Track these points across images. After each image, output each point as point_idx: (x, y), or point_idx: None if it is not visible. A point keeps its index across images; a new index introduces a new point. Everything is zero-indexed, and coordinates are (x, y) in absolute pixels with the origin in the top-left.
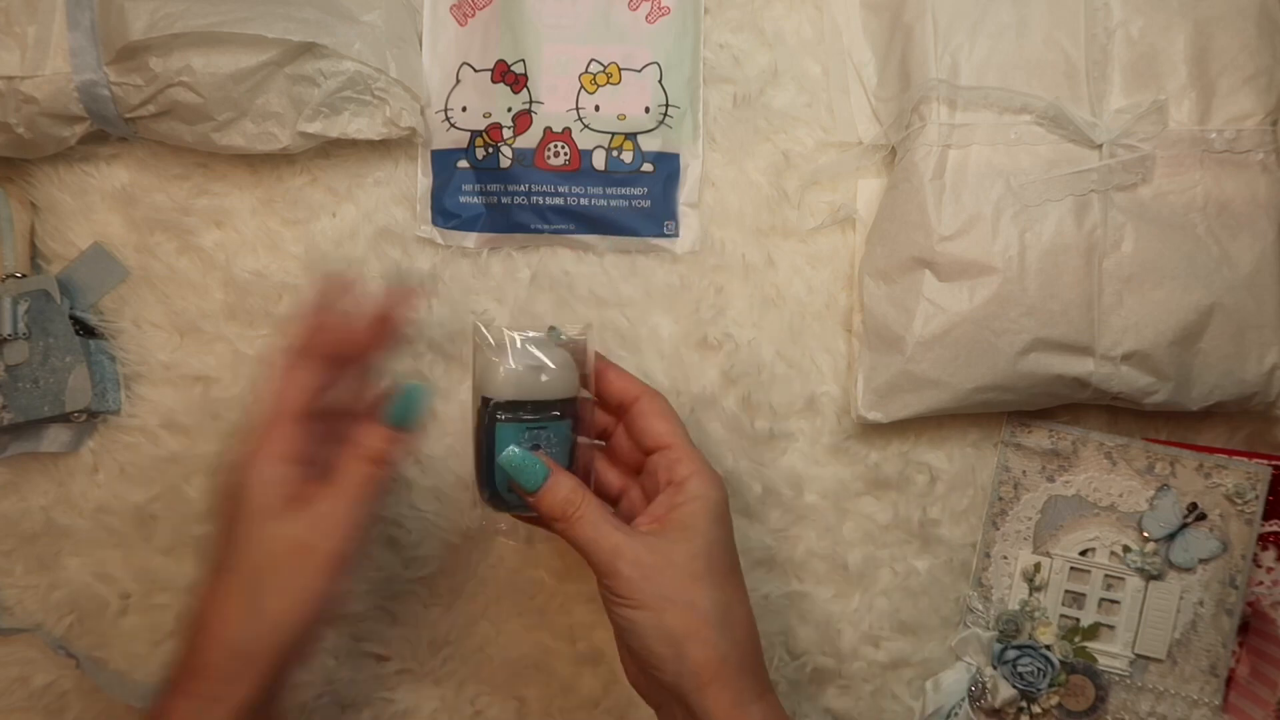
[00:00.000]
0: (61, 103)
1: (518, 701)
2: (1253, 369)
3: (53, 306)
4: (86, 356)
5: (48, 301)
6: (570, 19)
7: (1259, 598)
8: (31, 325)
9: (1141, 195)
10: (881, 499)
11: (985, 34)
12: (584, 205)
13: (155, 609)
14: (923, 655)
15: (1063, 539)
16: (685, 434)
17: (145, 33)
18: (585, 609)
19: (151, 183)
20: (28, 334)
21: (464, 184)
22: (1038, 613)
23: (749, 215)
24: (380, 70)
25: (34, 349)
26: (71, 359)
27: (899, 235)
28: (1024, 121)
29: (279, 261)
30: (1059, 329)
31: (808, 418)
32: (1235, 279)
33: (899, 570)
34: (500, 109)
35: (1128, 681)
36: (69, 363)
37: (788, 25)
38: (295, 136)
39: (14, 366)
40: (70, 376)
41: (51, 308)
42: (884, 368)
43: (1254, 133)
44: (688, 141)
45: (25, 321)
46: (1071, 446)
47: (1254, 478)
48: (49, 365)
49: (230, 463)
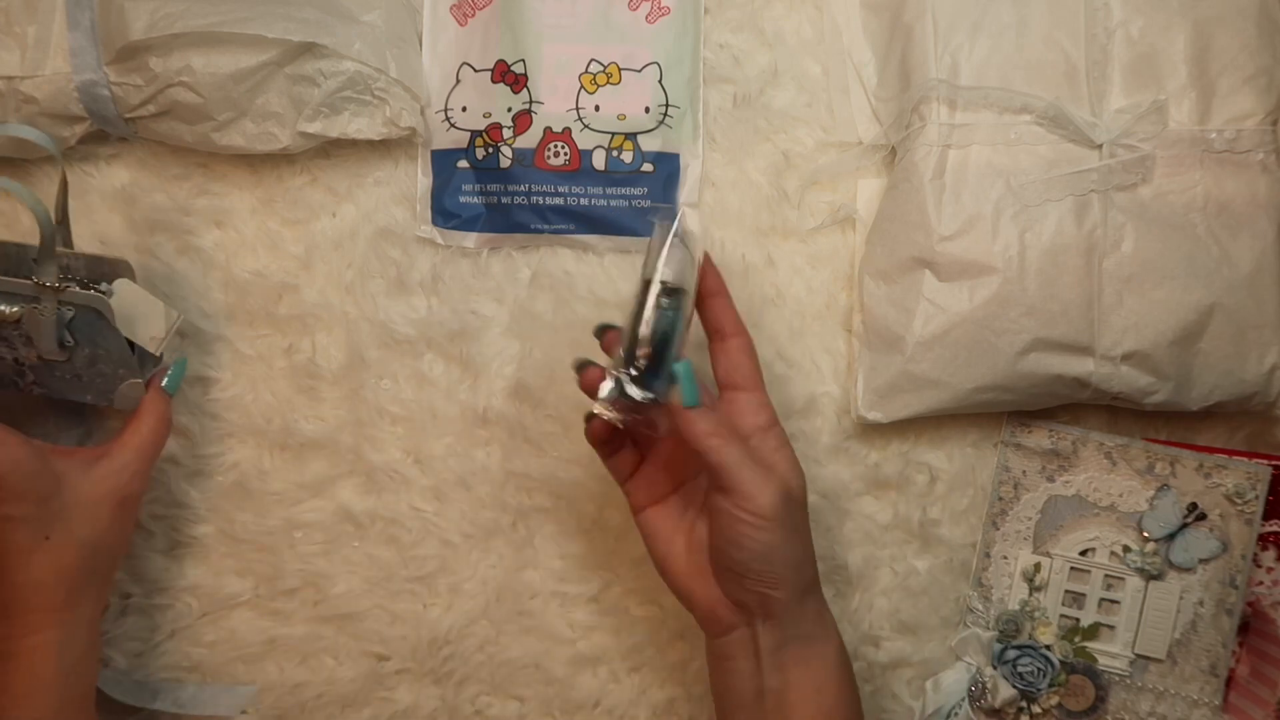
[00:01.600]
0: (61, 103)
1: (518, 701)
2: (1253, 369)
3: (104, 323)
4: (143, 373)
5: (99, 318)
6: (570, 19)
7: (1259, 598)
8: (78, 335)
9: (1141, 195)
10: (881, 499)
11: (985, 34)
12: (584, 205)
13: (155, 609)
14: (923, 655)
15: (1063, 539)
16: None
17: (145, 33)
18: (585, 609)
19: (151, 183)
20: (73, 344)
21: (464, 184)
22: (1038, 613)
23: (749, 215)
24: (380, 70)
25: (78, 354)
26: (126, 372)
27: (899, 235)
28: (1024, 121)
29: (279, 261)
30: (1059, 329)
31: (808, 418)
32: (1235, 279)
33: (899, 570)
34: (500, 109)
35: (1128, 681)
36: (122, 374)
37: (788, 25)
38: (295, 136)
39: (52, 363)
40: (123, 384)
41: (103, 324)
42: (884, 368)
43: (1254, 133)
44: (688, 141)
45: (70, 333)
46: (1071, 446)
47: (1254, 478)
48: (96, 369)
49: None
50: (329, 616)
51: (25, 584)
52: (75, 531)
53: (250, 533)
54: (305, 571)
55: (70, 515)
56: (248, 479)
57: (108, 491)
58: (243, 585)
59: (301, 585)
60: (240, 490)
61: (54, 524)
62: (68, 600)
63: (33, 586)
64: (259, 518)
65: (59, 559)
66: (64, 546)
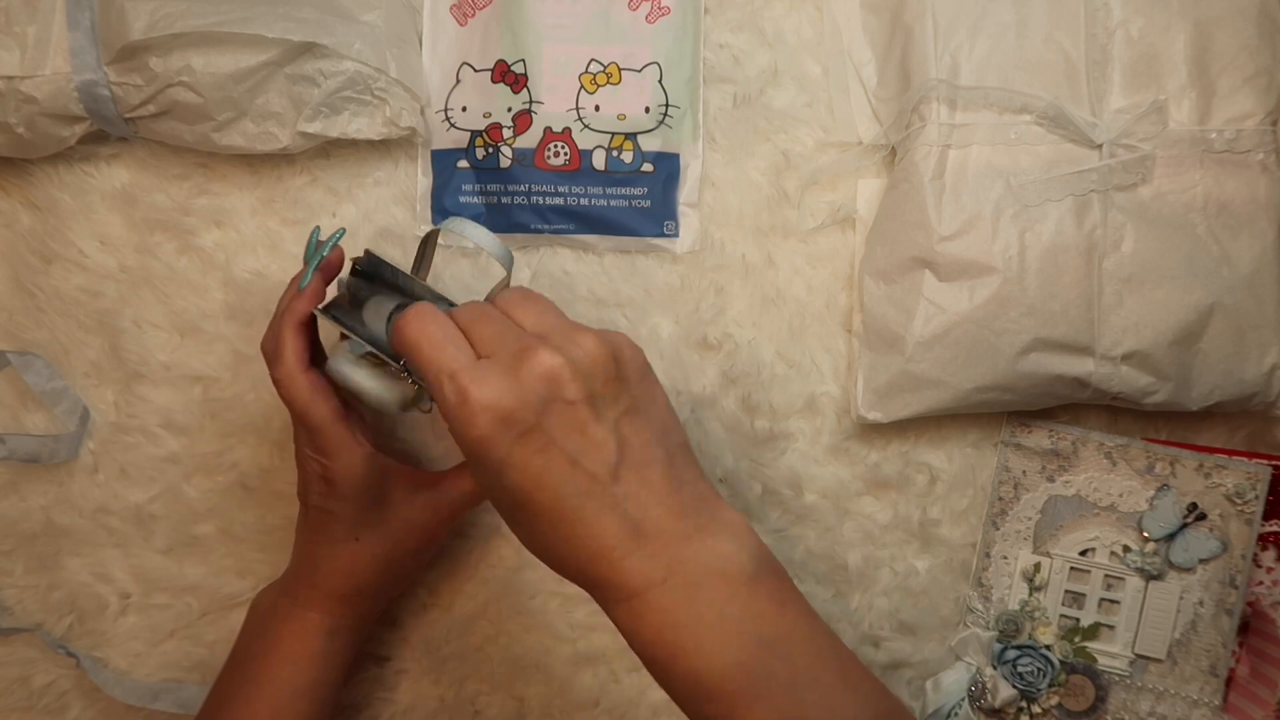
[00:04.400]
0: (61, 103)
1: (518, 701)
2: (1253, 369)
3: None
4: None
5: None
6: (570, 19)
7: (1259, 598)
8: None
9: (1141, 195)
10: (881, 499)
11: (985, 34)
12: (584, 205)
13: (155, 609)
14: (923, 655)
15: (1063, 539)
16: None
17: (145, 33)
18: (585, 609)
19: (151, 183)
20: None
21: (464, 184)
22: (1038, 613)
23: (749, 215)
24: (380, 70)
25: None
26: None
27: (899, 235)
28: (1024, 121)
29: (279, 261)
30: (1059, 329)
31: (808, 418)
32: (1235, 279)
33: (899, 570)
34: (500, 109)
35: (1127, 681)
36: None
37: (788, 25)
38: (295, 136)
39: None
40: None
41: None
42: (884, 368)
43: (1254, 133)
44: (688, 141)
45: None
46: (1071, 446)
47: (1254, 478)
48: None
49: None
50: None
51: (323, 568)
52: (380, 543)
53: (250, 533)
54: None
55: (382, 527)
56: (248, 479)
57: (421, 521)
58: (243, 585)
59: None
60: (240, 490)
61: (366, 530)
62: (350, 597)
63: (326, 572)
64: (259, 518)
65: (358, 560)
66: (366, 551)
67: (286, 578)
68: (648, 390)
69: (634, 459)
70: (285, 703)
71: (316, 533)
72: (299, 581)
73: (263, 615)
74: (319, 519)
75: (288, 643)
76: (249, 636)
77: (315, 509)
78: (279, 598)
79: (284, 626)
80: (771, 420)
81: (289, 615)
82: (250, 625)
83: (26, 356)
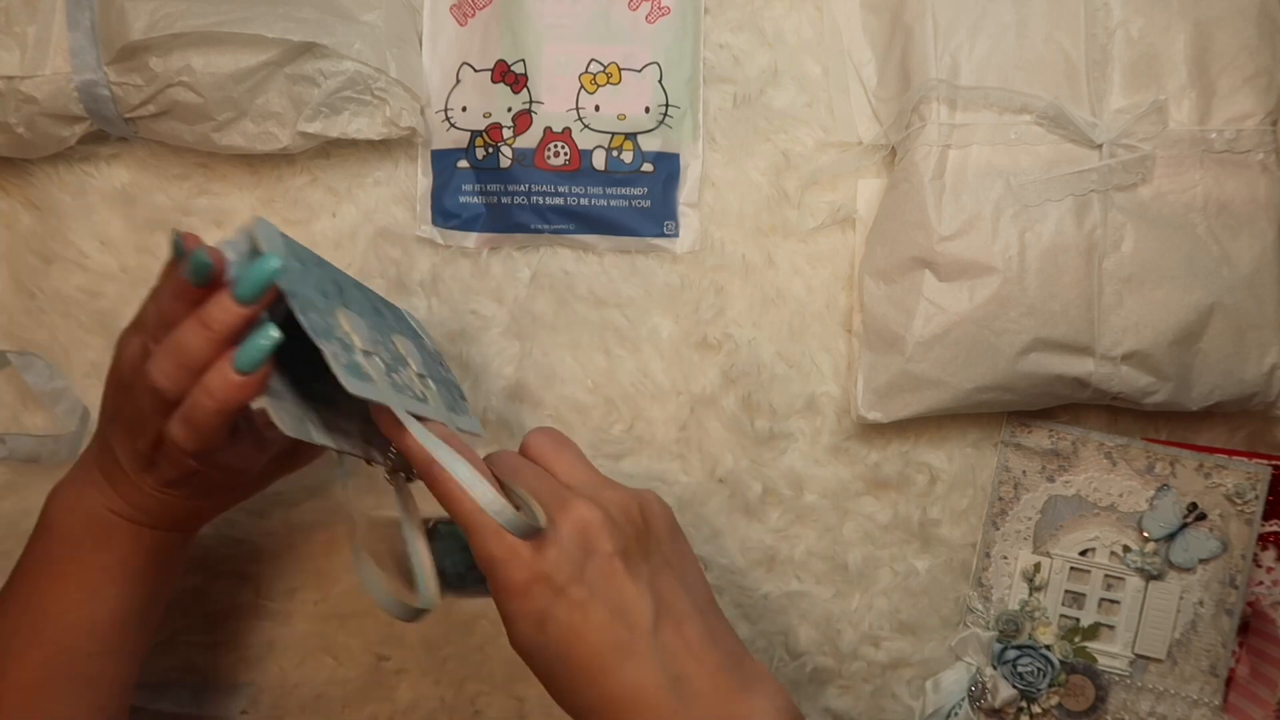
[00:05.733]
0: (61, 103)
1: (518, 701)
2: (1253, 369)
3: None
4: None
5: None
6: (570, 19)
7: (1259, 598)
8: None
9: (1141, 195)
10: (881, 499)
11: (985, 34)
12: (584, 205)
13: None
14: (923, 655)
15: (1063, 539)
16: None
17: (145, 33)
18: None
19: (151, 183)
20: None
21: (464, 184)
22: (1038, 613)
23: (749, 215)
24: (380, 70)
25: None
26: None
27: (899, 235)
28: (1024, 121)
29: None
30: (1059, 329)
31: (808, 418)
32: (1235, 279)
33: (899, 570)
34: (500, 109)
35: (1127, 681)
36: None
37: (788, 25)
38: (295, 136)
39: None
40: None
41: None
42: (884, 368)
43: (1254, 133)
44: (688, 141)
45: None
46: (1071, 446)
47: (1254, 478)
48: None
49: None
50: (329, 616)
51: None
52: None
53: (250, 533)
54: (305, 571)
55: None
56: None
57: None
58: (243, 585)
59: (301, 585)
60: None
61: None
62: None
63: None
64: (259, 518)
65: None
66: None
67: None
68: (678, 547)
69: (671, 613)
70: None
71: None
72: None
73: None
74: (134, 463)
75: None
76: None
77: (140, 455)
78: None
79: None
80: (771, 420)
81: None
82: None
83: (26, 356)
